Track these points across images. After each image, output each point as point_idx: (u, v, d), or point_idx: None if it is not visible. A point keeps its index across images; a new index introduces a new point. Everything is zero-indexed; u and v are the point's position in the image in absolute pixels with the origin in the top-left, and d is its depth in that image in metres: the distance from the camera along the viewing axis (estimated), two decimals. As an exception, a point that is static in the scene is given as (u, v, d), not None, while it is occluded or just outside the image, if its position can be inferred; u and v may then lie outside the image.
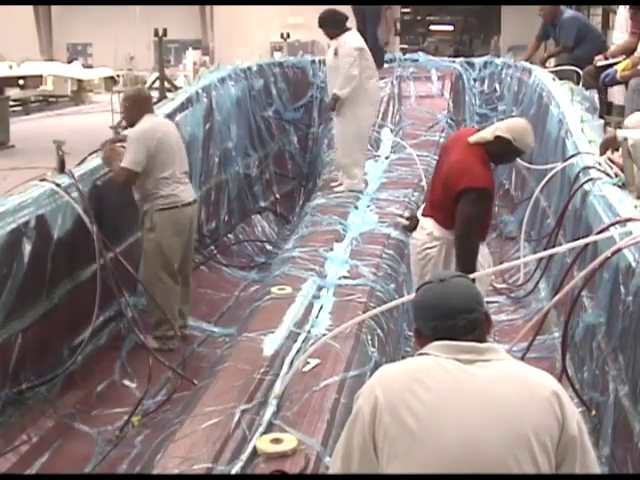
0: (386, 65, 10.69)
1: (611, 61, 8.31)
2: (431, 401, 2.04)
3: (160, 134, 5.66)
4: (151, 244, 5.67)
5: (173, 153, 5.71)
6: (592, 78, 8.49)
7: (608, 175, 5.03)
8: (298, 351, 4.31)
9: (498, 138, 4.52)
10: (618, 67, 7.82)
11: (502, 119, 5.47)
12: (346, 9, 10.56)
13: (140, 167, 5.52)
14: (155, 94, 14.33)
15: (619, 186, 4.74)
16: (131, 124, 5.69)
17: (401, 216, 5.25)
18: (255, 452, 3.35)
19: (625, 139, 4.67)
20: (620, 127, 5.64)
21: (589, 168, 5.34)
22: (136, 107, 5.68)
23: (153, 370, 5.12)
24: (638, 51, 7.70)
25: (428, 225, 4.65)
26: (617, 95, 8.53)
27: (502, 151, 4.58)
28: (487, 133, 4.59)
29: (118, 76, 28.36)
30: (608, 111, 8.73)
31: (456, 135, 5.47)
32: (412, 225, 4.78)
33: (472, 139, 4.57)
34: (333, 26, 7.49)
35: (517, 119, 5.00)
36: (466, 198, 4.41)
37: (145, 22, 27.27)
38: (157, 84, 14.18)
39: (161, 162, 5.62)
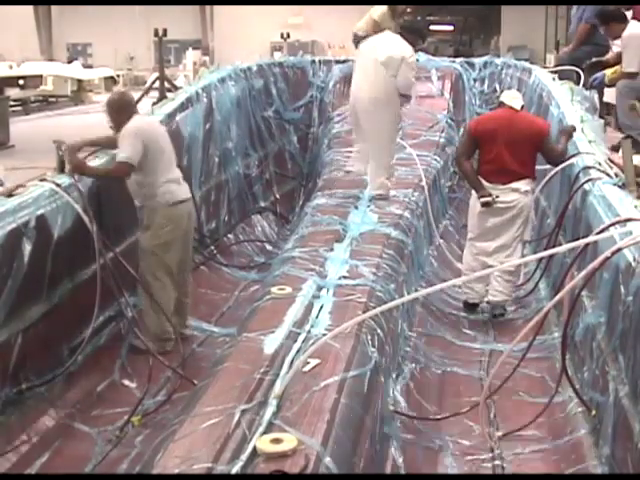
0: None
1: (602, 59, 8.38)
2: None
3: (152, 134, 5.70)
4: (146, 242, 5.68)
5: (163, 152, 5.74)
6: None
7: (608, 175, 5.03)
8: (298, 351, 4.29)
9: (523, 107, 6.39)
10: (607, 72, 7.89)
11: None
12: (347, 9, 10.59)
13: (137, 160, 5.51)
14: (155, 94, 14.37)
15: (619, 186, 4.74)
16: (118, 129, 5.63)
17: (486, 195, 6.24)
18: (255, 452, 3.33)
19: (625, 138, 4.67)
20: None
21: (589, 168, 5.34)
22: (122, 111, 5.64)
23: (153, 370, 5.12)
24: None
25: (521, 185, 6.17)
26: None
27: None
28: (517, 105, 6.24)
29: (118, 76, 28.39)
30: (608, 111, 8.73)
31: (499, 122, 6.31)
32: (494, 198, 6.14)
33: (519, 108, 6.26)
34: None
35: (513, 91, 6.84)
36: (549, 135, 6.21)
37: (145, 22, 27.32)
38: (157, 84, 14.19)
39: (153, 161, 5.63)
